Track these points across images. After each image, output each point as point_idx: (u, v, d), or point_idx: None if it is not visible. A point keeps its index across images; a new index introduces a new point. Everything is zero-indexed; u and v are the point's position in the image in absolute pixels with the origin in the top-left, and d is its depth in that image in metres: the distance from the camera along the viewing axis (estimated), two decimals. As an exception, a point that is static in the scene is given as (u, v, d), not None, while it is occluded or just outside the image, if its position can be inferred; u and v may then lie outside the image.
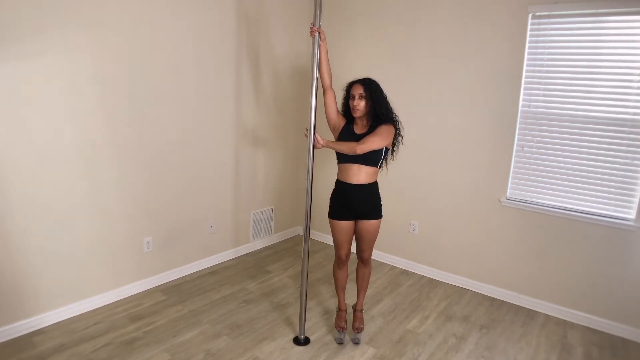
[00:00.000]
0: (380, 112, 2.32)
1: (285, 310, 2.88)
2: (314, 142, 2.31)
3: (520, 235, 3.06)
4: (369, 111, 2.34)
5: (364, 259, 2.56)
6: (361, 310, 2.64)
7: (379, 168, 2.43)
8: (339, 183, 2.46)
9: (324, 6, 3.69)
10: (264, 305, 2.93)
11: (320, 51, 2.32)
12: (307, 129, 2.38)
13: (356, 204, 2.40)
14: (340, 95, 2.48)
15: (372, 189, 2.42)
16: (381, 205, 2.48)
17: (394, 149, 2.47)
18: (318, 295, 3.12)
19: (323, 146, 2.32)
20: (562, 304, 2.96)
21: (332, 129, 2.51)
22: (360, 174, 2.36)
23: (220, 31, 3.19)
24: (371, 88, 2.33)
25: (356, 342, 2.54)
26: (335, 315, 2.74)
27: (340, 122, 2.48)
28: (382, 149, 2.33)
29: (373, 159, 2.34)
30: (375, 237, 2.51)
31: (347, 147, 2.28)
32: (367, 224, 2.44)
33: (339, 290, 2.65)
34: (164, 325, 2.62)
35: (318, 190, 4.02)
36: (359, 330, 2.56)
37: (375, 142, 2.27)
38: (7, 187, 2.27)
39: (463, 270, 3.36)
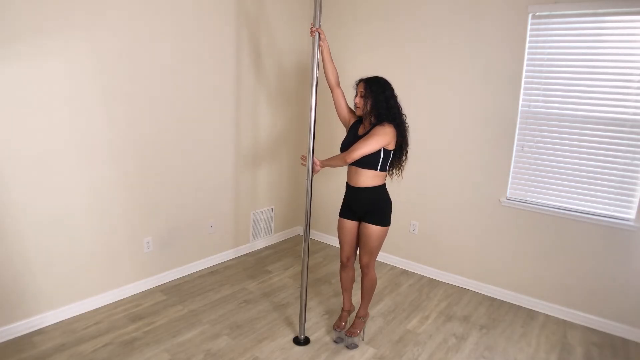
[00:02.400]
0: (379, 112, 2.28)
1: (285, 310, 2.88)
2: (312, 166, 2.33)
3: (520, 235, 3.06)
4: (369, 110, 2.30)
5: (362, 266, 2.46)
6: (360, 317, 2.56)
7: (382, 171, 2.34)
8: (346, 184, 2.48)
9: (324, 6, 3.69)
10: (264, 305, 2.93)
11: (322, 51, 2.32)
12: (302, 157, 2.41)
13: (356, 207, 2.40)
14: (348, 94, 2.49)
15: (373, 193, 2.35)
16: (388, 212, 2.39)
17: (403, 152, 2.39)
18: (318, 295, 3.12)
19: (322, 167, 2.36)
20: (562, 304, 2.96)
21: (345, 125, 2.52)
22: (358, 177, 2.35)
23: (220, 29, 3.18)
24: (372, 87, 2.28)
25: (349, 347, 2.48)
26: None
27: (351, 118, 2.47)
28: (380, 151, 2.26)
29: (370, 162, 2.29)
30: (376, 245, 2.39)
31: (340, 160, 2.28)
32: (366, 228, 2.37)
33: (343, 291, 2.65)
34: (163, 325, 2.62)
35: (318, 190, 4.03)
36: (350, 334, 2.48)
37: (364, 147, 2.22)
38: (7, 187, 2.27)
39: (463, 270, 3.36)
